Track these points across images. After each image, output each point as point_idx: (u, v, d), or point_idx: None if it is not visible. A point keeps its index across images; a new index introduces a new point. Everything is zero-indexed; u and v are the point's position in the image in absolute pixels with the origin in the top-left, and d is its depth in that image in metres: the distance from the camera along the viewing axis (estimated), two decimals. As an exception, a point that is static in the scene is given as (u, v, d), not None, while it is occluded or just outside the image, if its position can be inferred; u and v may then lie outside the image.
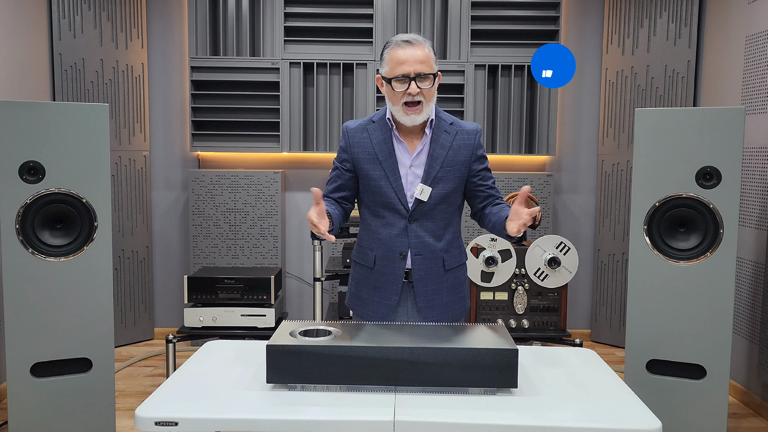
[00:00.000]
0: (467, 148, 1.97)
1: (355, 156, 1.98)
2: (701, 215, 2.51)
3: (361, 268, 2.05)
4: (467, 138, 1.98)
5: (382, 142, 1.95)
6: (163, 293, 4.42)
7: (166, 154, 4.35)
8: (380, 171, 1.94)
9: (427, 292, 1.99)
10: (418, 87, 1.85)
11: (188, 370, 1.79)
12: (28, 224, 2.42)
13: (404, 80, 1.85)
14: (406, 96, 1.86)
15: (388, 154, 1.94)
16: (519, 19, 4.20)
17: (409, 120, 1.89)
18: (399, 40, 1.87)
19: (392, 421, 1.46)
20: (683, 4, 4.01)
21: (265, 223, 4.20)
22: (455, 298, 2.05)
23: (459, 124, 2.00)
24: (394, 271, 1.98)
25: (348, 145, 1.99)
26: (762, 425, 3.12)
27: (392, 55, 1.87)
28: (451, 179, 1.95)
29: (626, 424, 1.45)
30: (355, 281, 2.09)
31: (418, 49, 1.85)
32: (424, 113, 1.89)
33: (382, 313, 2.01)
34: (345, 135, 2.01)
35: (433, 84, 1.88)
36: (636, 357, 2.61)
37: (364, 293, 2.05)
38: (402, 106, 1.88)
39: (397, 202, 1.94)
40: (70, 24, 3.88)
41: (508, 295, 3.07)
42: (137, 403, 3.20)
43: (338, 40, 4.19)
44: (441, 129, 1.96)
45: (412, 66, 1.84)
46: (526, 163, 4.40)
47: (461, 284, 2.07)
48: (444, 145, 1.95)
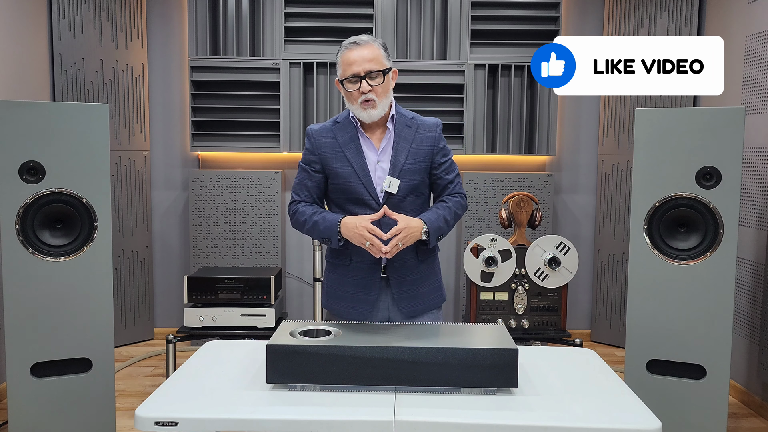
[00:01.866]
0: (429, 140, 2.04)
1: (322, 156, 2.03)
2: (701, 215, 2.51)
3: (337, 267, 2.08)
4: (428, 131, 2.05)
5: (349, 141, 2.02)
6: (163, 293, 4.41)
7: (166, 154, 4.35)
8: (349, 168, 2.00)
9: (402, 283, 2.03)
10: (369, 85, 1.93)
11: (188, 370, 1.79)
12: (28, 224, 2.42)
13: (355, 80, 1.94)
14: (359, 95, 1.95)
15: (355, 151, 2.01)
16: (519, 19, 4.20)
17: (366, 115, 1.97)
18: (347, 43, 1.97)
19: (392, 421, 1.46)
20: (683, 4, 4.01)
21: (265, 223, 4.20)
22: (431, 288, 2.09)
23: (419, 118, 2.08)
24: (371, 266, 2.01)
25: (314, 146, 2.04)
26: (762, 425, 3.12)
27: (343, 58, 1.97)
28: (416, 171, 2.01)
29: (626, 424, 1.46)
30: (331, 282, 2.10)
31: (366, 49, 1.94)
32: (378, 108, 1.97)
33: (362, 310, 2.03)
34: (310, 137, 2.06)
35: (384, 80, 1.95)
36: (636, 357, 2.61)
37: (342, 291, 2.07)
38: (358, 104, 1.97)
39: (368, 197, 1.99)
40: (70, 24, 3.88)
41: (508, 295, 3.07)
42: (137, 403, 3.19)
43: (338, 40, 4.18)
44: (402, 123, 2.04)
45: (360, 65, 1.93)
46: (526, 163, 4.40)
47: (436, 274, 2.12)
48: (407, 138, 2.02)
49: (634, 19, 4.12)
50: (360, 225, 1.86)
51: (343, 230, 1.91)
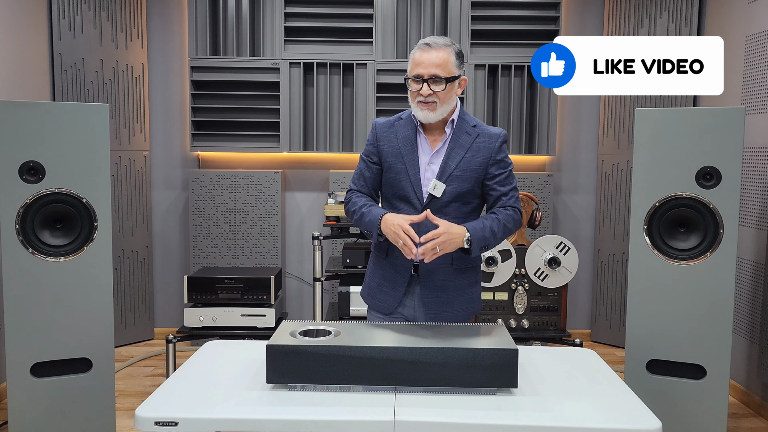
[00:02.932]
0: (487, 150, 2.01)
1: (381, 149, 2.05)
2: (701, 215, 2.51)
3: (375, 257, 2.11)
4: (488, 141, 2.02)
5: (407, 138, 2.03)
6: (163, 293, 4.41)
7: (166, 154, 4.35)
8: (402, 164, 2.01)
9: (432, 287, 2.02)
10: (431, 89, 1.92)
11: (188, 370, 1.79)
12: (28, 224, 2.42)
13: (418, 81, 1.94)
14: (419, 96, 1.95)
15: (410, 149, 2.02)
16: (519, 19, 4.20)
17: (423, 116, 1.97)
18: (421, 43, 1.97)
19: (392, 421, 1.46)
20: (683, 4, 4.01)
21: (265, 223, 4.20)
22: (462, 298, 2.05)
23: (482, 127, 2.06)
24: (404, 263, 2.01)
25: (376, 139, 2.07)
26: (762, 425, 3.12)
27: (413, 57, 1.97)
28: (466, 179, 1.99)
29: (626, 424, 1.46)
30: (369, 271, 2.15)
31: (437, 53, 1.93)
32: (437, 112, 1.96)
33: (388, 303, 2.04)
34: (374, 130, 2.09)
35: (446, 87, 1.94)
36: (636, 357, 2.61)
37: (373, 282, 2.10)
38: (416, 103, 1.97)
39: (413, 196, 2.00)
40: (70, 24, 3.88)
41: (508, 295, 3.07)
42: (137, 403, 3.19)
43: (338, 40, 4.19)
44: (462, 130, 2.02)
45: (426, 68, 1.93)
46: (526, 163, 4.40)
47: (471, 286, 2.08)
48: (463, 146, 2.00)
49: (634, 19, 4.12)
50: (397, 224, 1.86)
51: (383, 225, 1.91)
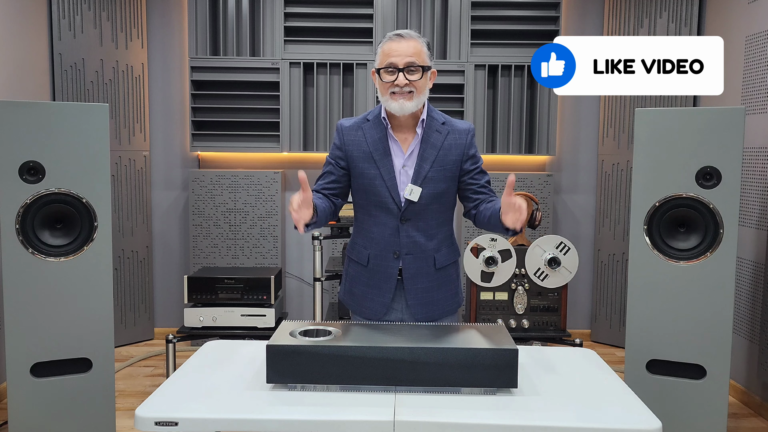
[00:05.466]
0: (458, 147, 1.97)
1: (349, 154, 1.98)
2: (701, 215, 2.51)
3: (355, 265, 2.06)
4: (459, 137, 1.98)
5: (377, 141, 1.96)
6: (163, 293, 4.41)
7: (166, 154, 4.35)
8: (375, 170, 1.95)
9: (417, 290, 2.00)
10: (407, 79, 1.87)
11: (188, 370, 1.79)
12: (28, 224, 2.42)
13: (393, 71, 1.88)
14: (393, 86, 1.88)
15: (383, 153, 1.95)
16: (519, 19, 4.20)
17: (398, 106, 1.89)
18: (391, 34, 1.91)
19: (392, 421, 1.46)
20: (683, 4, 4.01)
21: (265, 223, 4.20)
22: (447, 294, 2.06)
23: (451, 123, 2.00)
24: (387, 270, 1.99)
25: (342, 143, 2.00)
26: (762, 425, 3.12)
27: (384, 48, 1.91)
28: (442, 179, 1.95)
29: (626, 424, 1.45)
30: (349, 278, 2.09)
31: (408, 42, 1.88)
32: (413, 102, 1.89)
33: (375, 310, 2.02)
34: (339, 133, 2.01)
35: (422, 76, 1.89)
36: (636, 357, 2.61)
37: (357, 290, 2.06)
38: (389, 95, 1.89)
39: (390, 202, 1.95)
40: (70, 24, 3.88)
41: (508, 295, 3.07)
42: (137, 403, 3.19)
43: (338, 40, 4.19)
44: (432, 128, 1.97)
45: (401, 57, 1.87)
46: (526, 163, 4.40)
47: (453, 281, 2.08)
48: (435, 145, 1.95)
49: (634, 19, 4.12)
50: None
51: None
